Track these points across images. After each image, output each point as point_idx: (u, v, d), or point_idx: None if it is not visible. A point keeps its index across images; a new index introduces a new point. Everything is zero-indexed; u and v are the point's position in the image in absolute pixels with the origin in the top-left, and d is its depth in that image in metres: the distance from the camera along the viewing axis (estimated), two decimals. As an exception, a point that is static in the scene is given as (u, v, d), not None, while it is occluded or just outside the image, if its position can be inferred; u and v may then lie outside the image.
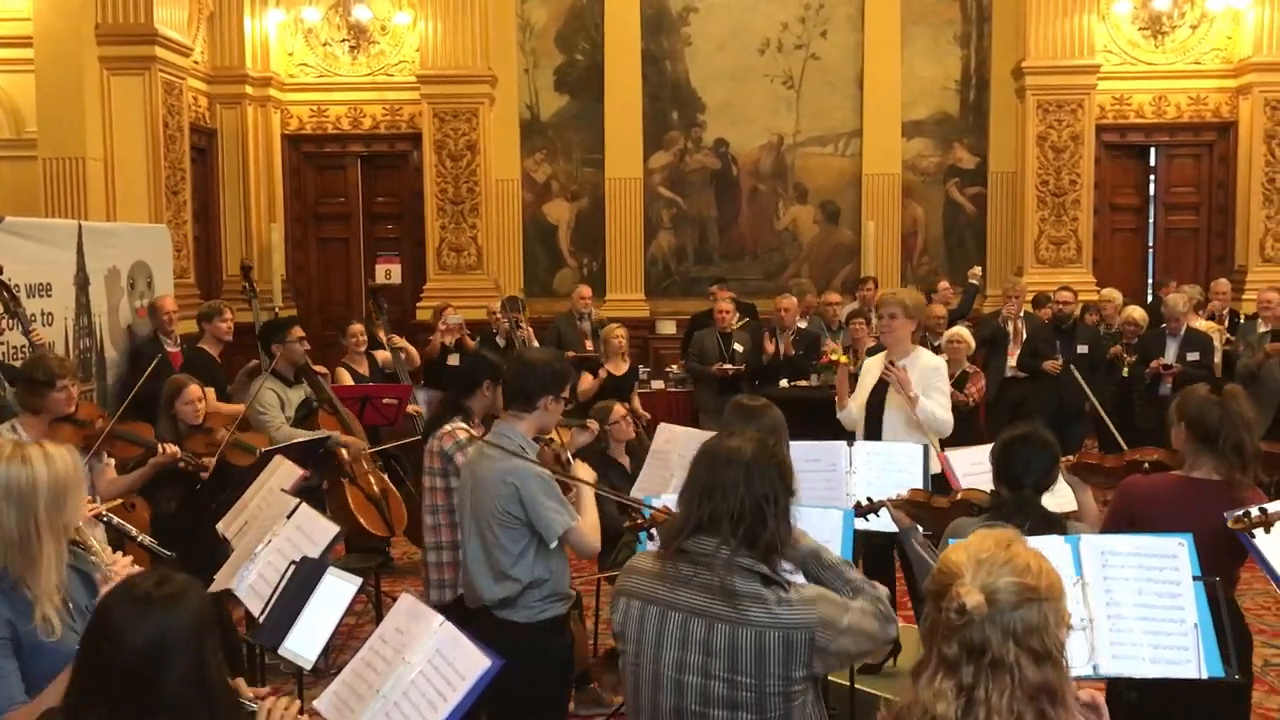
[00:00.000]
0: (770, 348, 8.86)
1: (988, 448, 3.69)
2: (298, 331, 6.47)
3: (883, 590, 2.65)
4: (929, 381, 5.33)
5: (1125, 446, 4.49)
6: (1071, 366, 7.82)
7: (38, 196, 9.03)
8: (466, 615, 3.73)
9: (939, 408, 5.28)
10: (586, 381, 8.24)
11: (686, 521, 2.55)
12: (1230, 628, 3.11)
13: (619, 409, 5.92)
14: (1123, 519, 3.55)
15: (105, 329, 7.48)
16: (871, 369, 5.60)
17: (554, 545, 3.63)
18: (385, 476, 6.54)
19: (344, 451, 6.19)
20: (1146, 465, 3.96)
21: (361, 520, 6.11)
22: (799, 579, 2.61)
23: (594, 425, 5.28)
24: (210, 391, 5.97)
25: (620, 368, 8.59)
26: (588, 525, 3.73)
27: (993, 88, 11.91)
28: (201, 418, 5.38)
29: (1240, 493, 3.51)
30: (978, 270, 10.67)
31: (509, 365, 3.99)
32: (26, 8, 9.16)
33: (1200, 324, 9.13)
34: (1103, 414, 5.69)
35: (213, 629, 2.09)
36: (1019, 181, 11.67)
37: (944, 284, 10.31)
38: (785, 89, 11.97)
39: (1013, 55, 11.64)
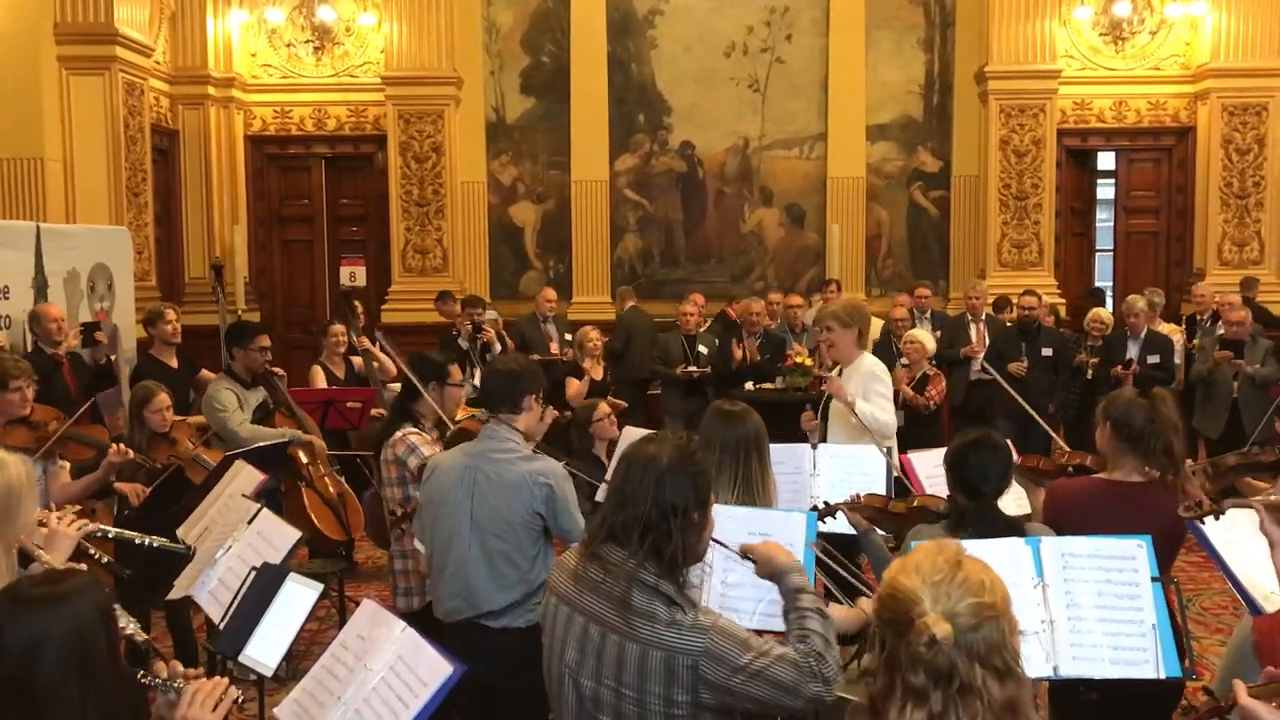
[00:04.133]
0: (738, 353, 8.88)
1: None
2: (264, 341, 6.34)
3: (831, 654, 2.48)
4: (867, 385, 5.33)
5: (1067, 449, 4.51)
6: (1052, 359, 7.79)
7: (-5, 198, 8.91)
8: (434, 625, 3.70)
9: (879, 410, 5.26)
10: (574, 386, 8.20)
11: (601, 526, 2.54)
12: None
13: (603, 408, 5.91)
14: (1050, 523, 3.56)
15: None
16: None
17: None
18: (342, 480, 6.49)
19: (300, 454, 6.13)
20: (1070, 469, 3.98)
21: (318, 524, 6.06)
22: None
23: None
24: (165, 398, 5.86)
25: (598, 371, 8.56)
26: None
27: (956, 92, 12.01)
28: (168, 426, 5.35)
29: (1164, 496, 3.52)
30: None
31: (487, 376, 3.99)
32: (-17, 7, 9.04)
33: (1162, 327, 9.24)
34: (1035, 415, 5.71)
35: (101, 626, 2.12)
36: (982, 185, 11.77)
37: (921, 290, 10.29)
38: (750, 92, 12.01)
39: (975, 60, 11.74)
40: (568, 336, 9.46)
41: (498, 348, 8.90)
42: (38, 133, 8.97)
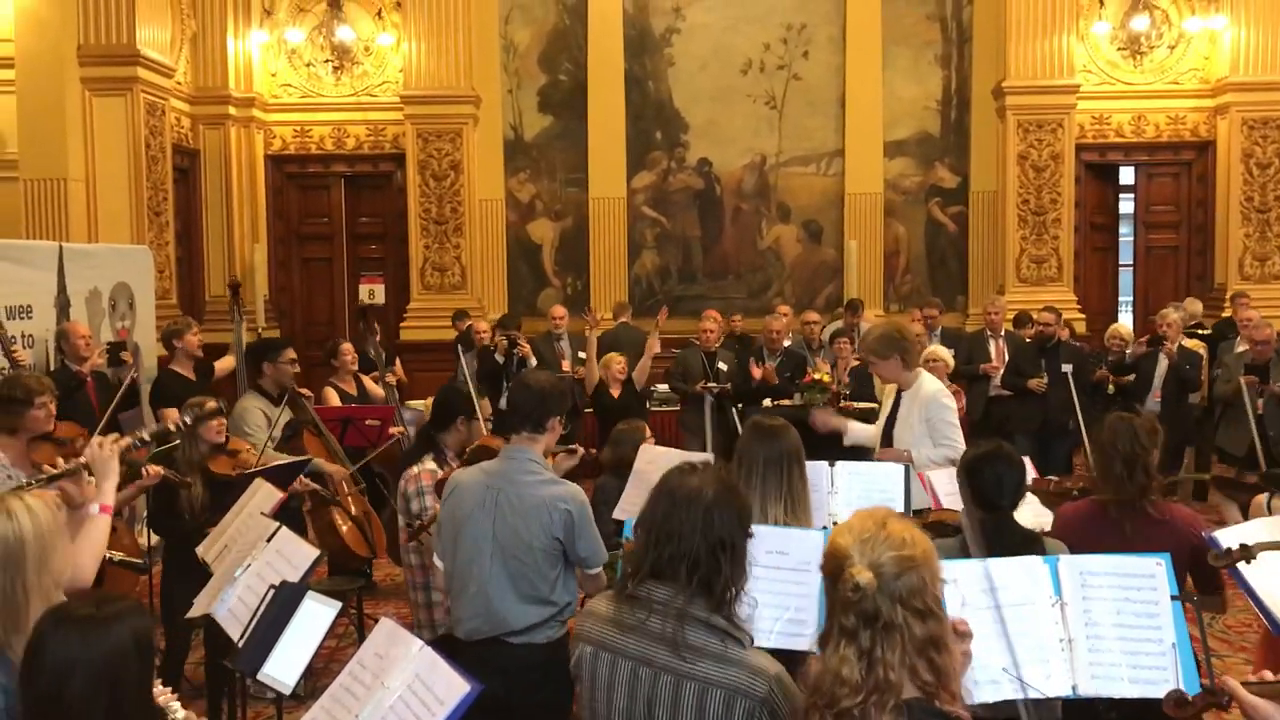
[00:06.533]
0: (756, 373, 8.83)
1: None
2: (290, 354, 6.44)
3: None
4: (934, 417, 5.10)
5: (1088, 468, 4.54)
6: (1069, 375, 7.77)
7: (19, 218, 8.99)
8: (451, 644, 3.70)
9: (945, 452, 4.99)
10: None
11: (641, 565, 2.46)
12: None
13: (646, 430, 5.83)
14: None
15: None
16: (890, 395, 5.54)
17: (595, 570, 3.65)
18: (365, 499, 6.53)
19: (327, 469, 6.18)
20: (1075, 491, 4.00)
21: (347, 541, 6.09)
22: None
23: (579, 450, 5.26)
24: (173, 412, 5.89)
25: (616, 391, 8.57)
26: None
27: (974, 107, 12.00)
28: (224, 437, 5.33)
29: (1138, 516, 3.57)
30: None
31: (514, 390, 3.94)
32: (8, 29, 9.14)
33: (1187, 342, 9.20)
34: (1084, 432, 5.68)
35: (135, 654, 2.13)
36: (1000, 200, 11.75)
37: (929, 309, 10.26)
38: (768, 109, 12.03)
39: (993, 75, 11.73)
40: (580, 354, 9.47)
41: (533, 362, 8.94)
42: (61, 153, 9.06)
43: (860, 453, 5.42)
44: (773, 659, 2.44)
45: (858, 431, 5.56)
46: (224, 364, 7.81)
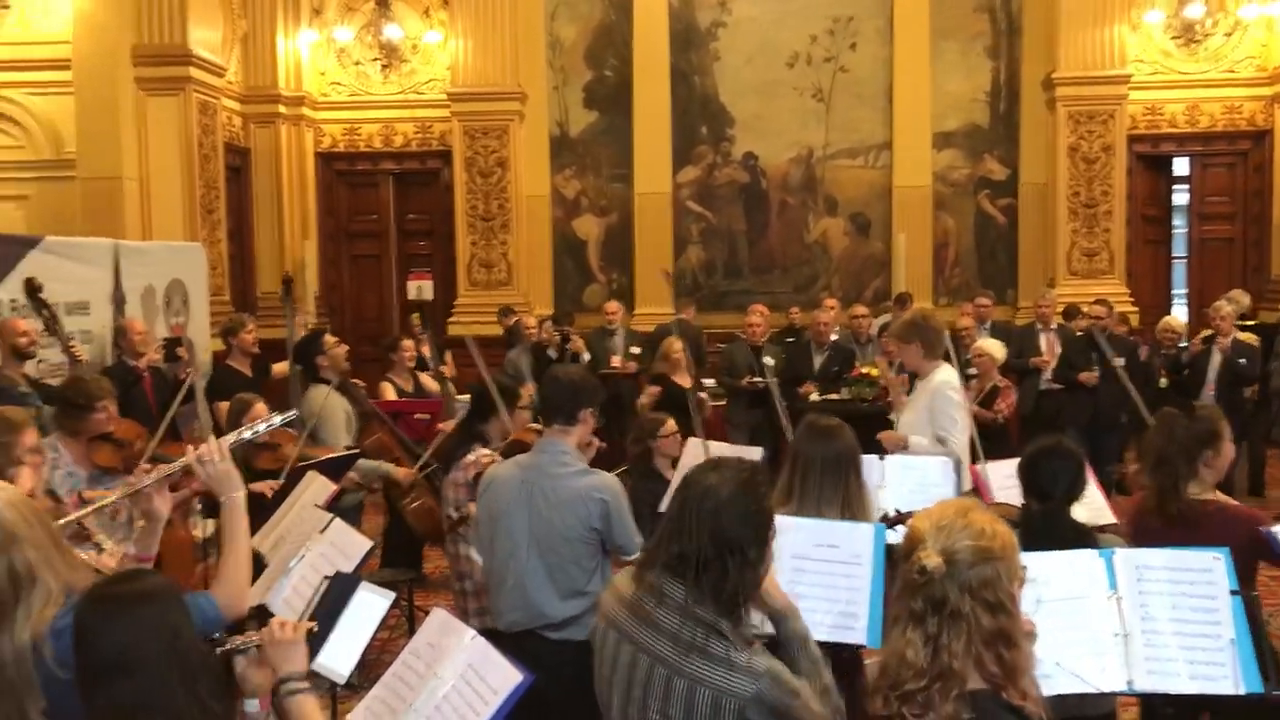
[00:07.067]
0: (806, 389, 8.70)
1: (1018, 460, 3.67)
2: (330, 338, 6.55)
3: (829, 678, 2.52)
4: (937, 406, 5.08)
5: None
6: (1120, 368, 7.63)
7: (76, 216, 9.16)
8: (499, 638, 3.72)
9: (948, 438, 4.98)
10: (649, 394, 8.15)
11: (655, 557, 2.45)
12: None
13: (670, 424, 5.84)
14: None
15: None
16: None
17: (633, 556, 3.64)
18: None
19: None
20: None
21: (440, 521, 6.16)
22: (768, 627, 2.52)
23: (593, 443, 5.24)
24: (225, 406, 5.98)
25: (686, 380, 8.54)
26: None
27: (1023, 99, 11.86)
28: (269, 434, 5.40)
29: (1196, 510, 3.57)
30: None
31: (545, 382, 3.99)
32: (65, 31, 9.31)
33: (1241, 335, 9.03)
34: (1147, 417, 5.56)
35: (184, 613, 2.23)
36: (1050, 193, 11.60)
37: (981, 300, 10.18)
38: (814, 102, 11.97)
39: (1043, 66, 11.58)
40: (633, 349, 9.48)
41: (585, 357, 8.95)
42: (116, 152, 9.22)
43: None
44: (772, 658, 2.40)
45: (918, 446, 5.41)
46: (280, 369, 7.88)
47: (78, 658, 2.18)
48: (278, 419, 3.22)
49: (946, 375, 5.23)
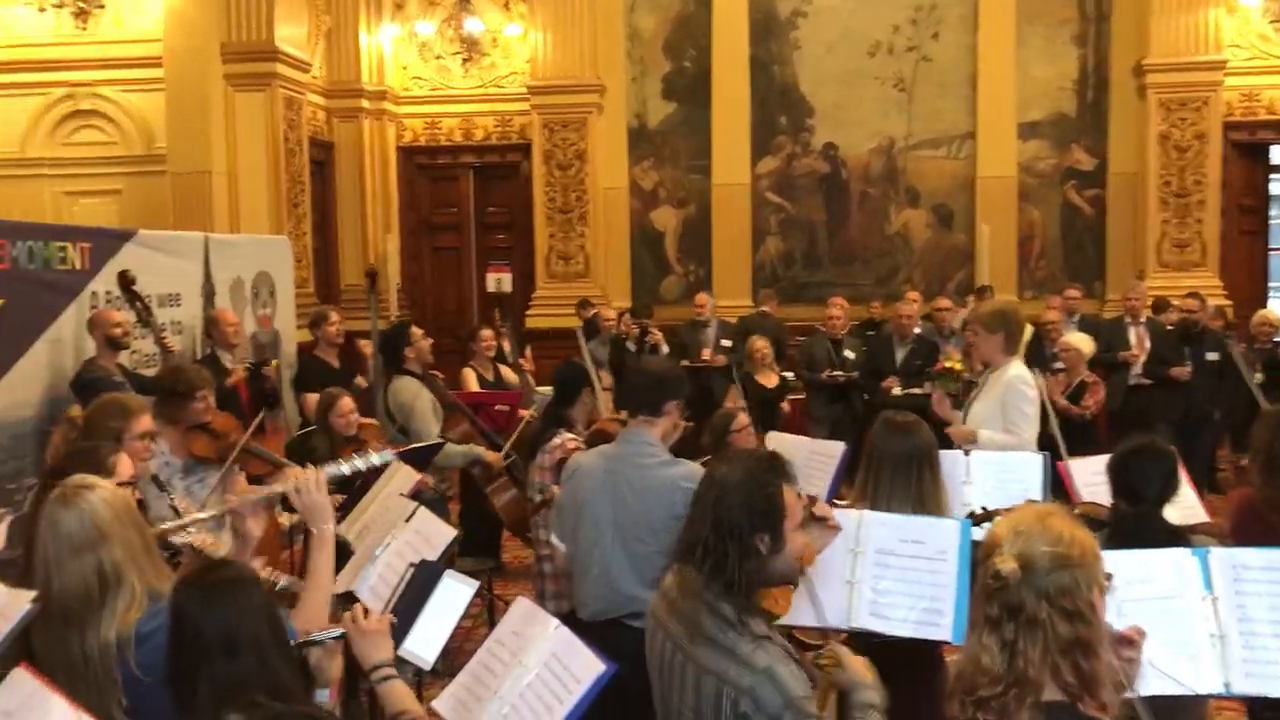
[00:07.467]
0: (889, 383, 8.59)
1: (1108, 458, 3.59)
2: (417, 330, 6.61)
3: None
4: (1009, 402, 4.99)
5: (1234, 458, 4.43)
6: (1236, 352, 7.36)
7: (166, 210, 9.40)
8: (581, 627, 3.74)
9: (1012, 434, 4.91)
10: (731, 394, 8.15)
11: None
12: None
13: (743, 418, 5.82)
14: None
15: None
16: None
17: None
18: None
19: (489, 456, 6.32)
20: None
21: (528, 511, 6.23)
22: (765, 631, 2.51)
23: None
24: (313, 398, 6.09)
25: (770, 380, 8.48)
26: None
27: (1112, 87, 11.58)
28: (354, 429, 5.47)
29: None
30: None
31: (630, 374, 4.01)
32: (156, 29, 9.55)
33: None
34: (1263, 401, 5.39)
35: (268, 601, 2.29)
36: (1140, 183, 11.31)
37: (1071, 291, 9.97)
38: (896, 91, 11.81)
39: (1133, 53, 11.30)
40: (725, 342, 9.44)
41: (664, 349, 8.95)
42: (205, 147, 9.44)
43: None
44: (779, 660, 2.39)
45: (988, 440, 5.30)
46: (364, 344, 7.97)
47: (175, 643, 2.22)
48: (375, 457, 3.30)
49: (1020, 370, 5.17)
